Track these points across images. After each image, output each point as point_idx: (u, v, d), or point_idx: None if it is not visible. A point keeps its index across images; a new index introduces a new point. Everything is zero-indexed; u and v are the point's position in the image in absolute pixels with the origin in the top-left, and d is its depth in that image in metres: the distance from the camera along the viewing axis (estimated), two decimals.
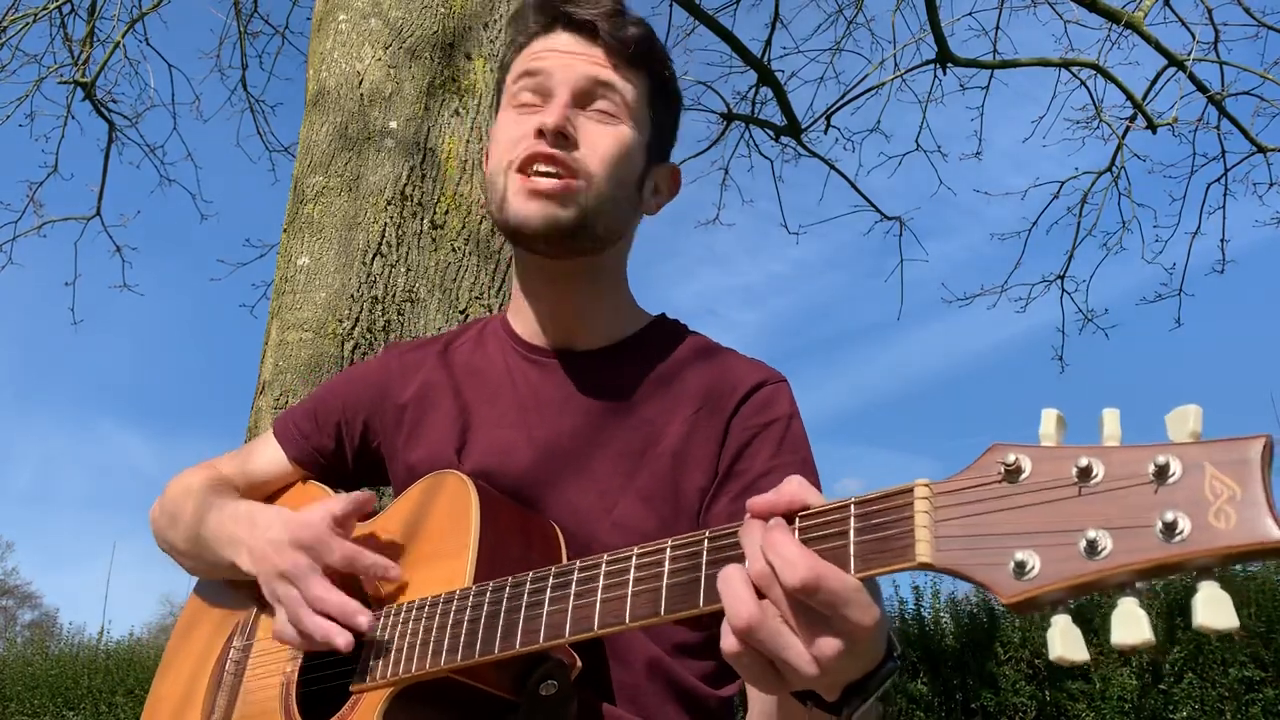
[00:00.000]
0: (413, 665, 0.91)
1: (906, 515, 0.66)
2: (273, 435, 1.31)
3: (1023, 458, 0.62)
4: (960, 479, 0.65)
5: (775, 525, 0.71)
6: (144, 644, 9.68)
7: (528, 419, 1.16)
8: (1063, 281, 7.00)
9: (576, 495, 1.10)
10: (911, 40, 6.09)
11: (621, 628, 0.79)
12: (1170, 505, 0.56)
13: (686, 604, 0.75)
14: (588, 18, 1.14)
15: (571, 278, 1.16)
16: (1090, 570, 0.57)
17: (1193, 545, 0.55)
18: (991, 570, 0.61)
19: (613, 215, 1.13)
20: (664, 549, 0.79)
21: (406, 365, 1.27)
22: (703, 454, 1.10)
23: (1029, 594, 0.59)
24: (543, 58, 1.14)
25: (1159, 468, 0.57)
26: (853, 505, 0.69)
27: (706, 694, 1.08)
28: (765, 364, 1.18)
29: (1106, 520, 0.58)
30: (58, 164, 6.27)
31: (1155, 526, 0.56)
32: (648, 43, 1.16)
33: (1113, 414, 0.61)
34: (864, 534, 0.68)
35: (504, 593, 0.89)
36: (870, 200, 6.88)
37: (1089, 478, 0.59)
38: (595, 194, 1.09)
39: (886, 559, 0.66)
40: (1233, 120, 6.18)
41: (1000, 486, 0.63)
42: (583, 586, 0.83)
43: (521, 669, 0.91)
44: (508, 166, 1.11)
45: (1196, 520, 0.55)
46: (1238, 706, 5.86)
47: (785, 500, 0.72)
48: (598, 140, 1.11)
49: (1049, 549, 0.59)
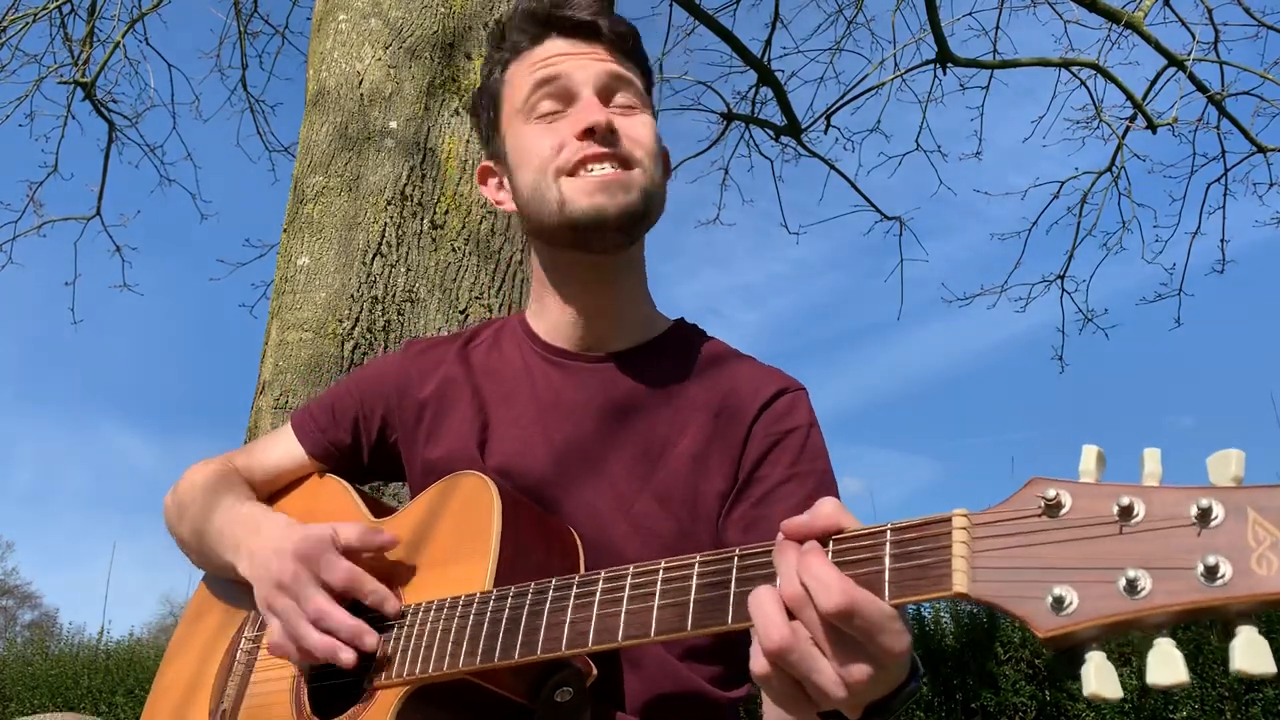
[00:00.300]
0: (430, 665, 0.91)
1: (944, 544, 0.66)
2: (290, 428, 1.32)
3: (1063, 493, 0.62)
4: (999, 510, 0.65)
5: (811, 549, 0.70)
6: (144, 644, 9.68)
7: (546, 420, 1.16)
8: (1063, 281, 7.00)
9: (593, 496, 1.10)
10: (911, 40, 6.10)
11: (645, 640, 0.79)
12: (1212, 549, 0.56)
13: (714, 620, 0.75)
14: (587, 18, 1.15)
15: (615, 274, 1.17)
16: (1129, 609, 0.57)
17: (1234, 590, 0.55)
18: (1028, 603, 0.61)
19: (660, 199, 1.16)
20: (692, 564, 0.79)
21: (425, 363, 1.27)
22: (722, 460, 1.10)
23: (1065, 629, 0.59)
24: (553, 64, 1.15)
25: (1202, 511, 0.57)
26: (889, 531, 0.69)
27: (717, 697, 1.08)
28: (784, 372, 1.19)
29: (1147, 560, 0.58)
30: (58, 164, 6.28)
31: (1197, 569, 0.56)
32: (637, 36, 1.20)
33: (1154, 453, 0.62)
34: (899, 561, 0.68)
35: (526, 598, 0.88)
36: (870, 200, 6.89)
37: (1130, 516, 0.59)
38: (649, 180, 1.12)
39: (922, 587, 0.66)
40: (1233, 120, 6.19)
41: (1040, 520, 0.63)
42: (607, 596, 0.83)
43: (538, 675, 0.91)
44: (555, 174, 1.10)
45: (1238, 565, 0.55)
46: (1238, 706, 5.87)
47: (821, 524, 0.72)
48: (634, 131, 1.13)
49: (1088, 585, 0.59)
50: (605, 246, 1.12)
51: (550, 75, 1.14)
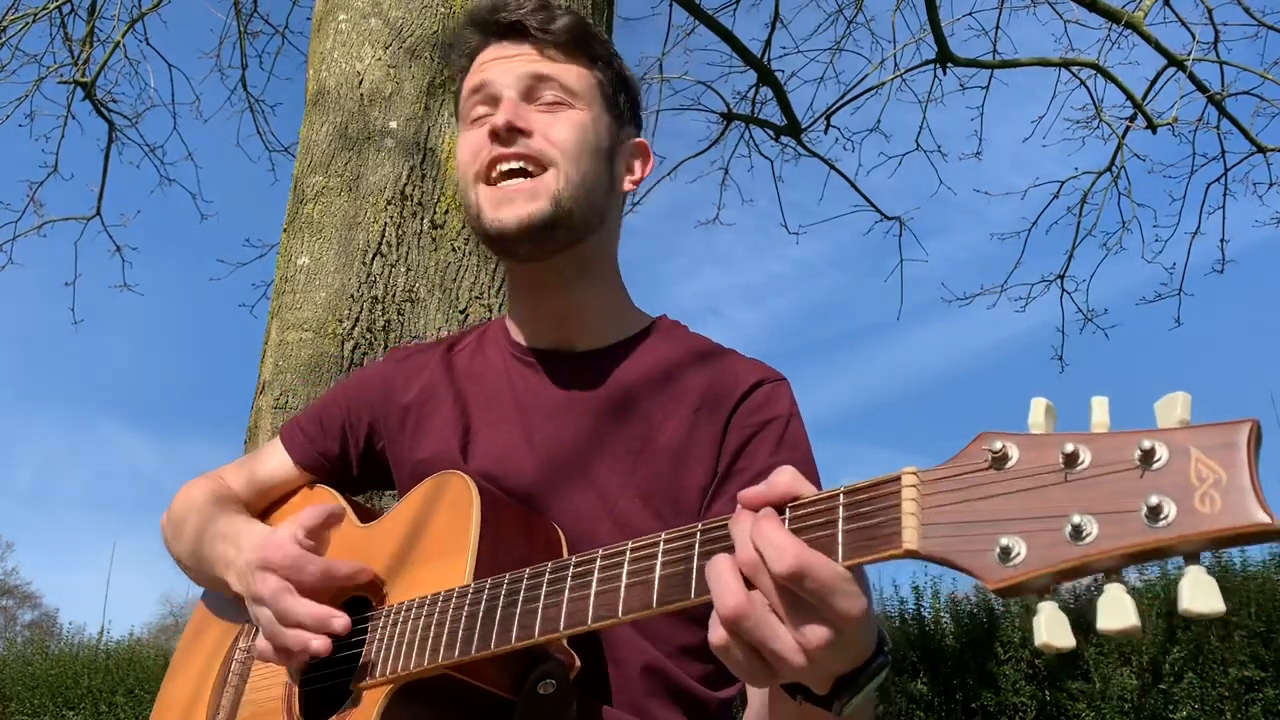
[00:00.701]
0: (411, 662, 0.91)
1: (894, 504, 0.66)
2: (279, 441, 1.33)
3: (1010, 445, 0.62)
4: (948, 467, 0.65)
5: (765, 515, 0.71)
6: (144, 644, 9.69)
7: (527, 422, 1.16)
8: (1063, 281, 6.99)
9: (577, 496, 1.10)
10: (911, 40, 6.09)
11: (615, 621, 0.79)
12: (1155, 490, 0.56)
13: (679, 595, 0.75)
14: (514, 19, 1.17)
15: (561, 278, 1.16)
16: (1075, 555, 0.58)
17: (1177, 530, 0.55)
18: (977, 557, 0.61)
19: (587, 198, 1.13)
20: (658, 542, 0.79)
21: (409, 369, 1.28)
22: (703, 453, 1.10)
23: (1014, 580, 0.59)
24: (482, 69, 1.17)
25: (1144, 453, 0.57)
26: (841, 495, 0.70)
27: (705, 696, 1.08)
28: (764, 363, 1.19)
29: (1091, 505, 0.58)
30: (58, 164, 6.27)
31: (1140, 511, 0.56)
32: (578, 28, 1.18)
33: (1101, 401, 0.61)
34: (852, 523, 0.68)
35: (501, 589, 0.89)
36: (870, 200, 6.88)
37: (1075, 464, 0.60)
38: (564, 179, 1.11)
39: (874, 547, 0.66)
40: (1233, 120, 6.18)
41: (987, 474, 0.63)
42: (577, 581, 0.83)
43: (520, 668, 0.91)
44: (474, 179, 1.13)
45: (1182, 505, 0.55)
46: (1238, 706, 5.86)
47: (777, 492, 0.73)
48: (550, 128, 1.13)
49: (1035, 535, 0.59)
50: (529, 255, 1.13)
51: (478, 81, 1.17)
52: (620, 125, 1.22)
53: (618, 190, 1.21)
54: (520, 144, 1.10)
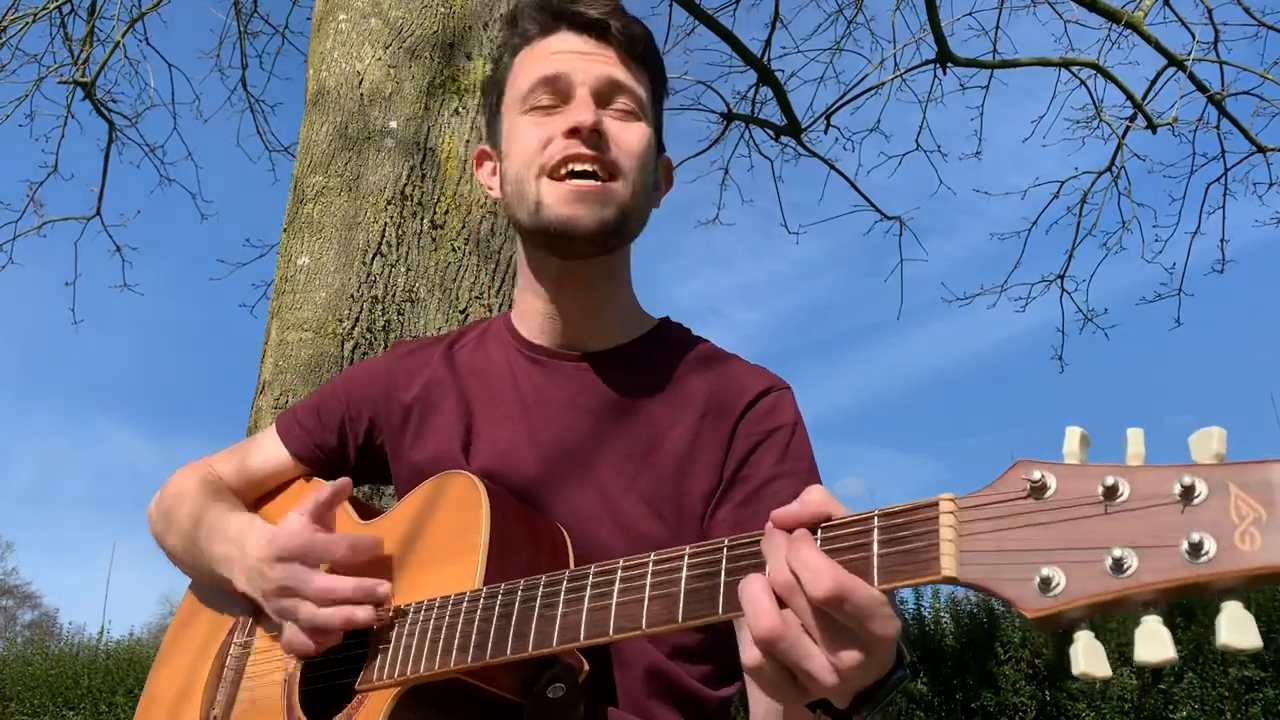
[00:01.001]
0: (421, 665, 0.91)
1: (931, 529, 0.66)
2: (274, 431, 1.31)
3: (1048, 475, 0.63)
4: (985, 494, 0.65)
5: (800, 536, 0.70)
6: (144, 644, 9.68)
7: (531, 420, 1.16)
8: (1063, 281, 6.99)
9: (579, 496, 1.10)
10: (911, 40, 6.10)
11: (637, 633, 0.79)
12: (1196, 526, 0.56)
13: (705, 611, 0.75)
14: (598, 16, 1.14)
15: (590, 278, 1.17)
16: (1116, 588, 0.58)
17: (1218, 566, 0.55)
18: (1017, 585, 0.61)
19: (642, 211, 1.15)
20: (682, 556, 0.79)
21: (411, 365, 1.27)
22: (707, 460, 1.10)
23: (1054, 609, 0.59)
24: (556, 60, 1.14)
25: (1185, 488, 0.57)
26: (877, 517, 0.69)
27: (706, 695, 1.08)
28: (769, 371, 1.19)
29: (1132, 539, 0.58)
30: (58, 164, 6.27)
31: (1181, 547, 0.56)
32: (651, 40, 1.18)
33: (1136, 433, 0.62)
34: (887, 546, 0.68)
35: (516, 595, 0.88)
36: (870, 200, 6.88)
37: (1115, 496, 0.60)
38: (630, 192, 1.11)
39: (911, 572, 0.66)
40: (1233, 120, 6.18)
41: (1025, 503, 0.63)
42: (598, 591, 0.83)
43: (530, 672, 0.91)
44: (539, 172, 1.10)
45: (1222, 541, 0.55)
46: (1238, 706, 5.86)
47: (810, 512, 0.72)
48: (625, 138, 1.12)
49: (1074, 565, 0.60)
50: (577, 253, 1.12)
51: (551, 71, 1.13)
52: (658, 139, 1.23)
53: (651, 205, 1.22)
54: (600, 149, 1.09)
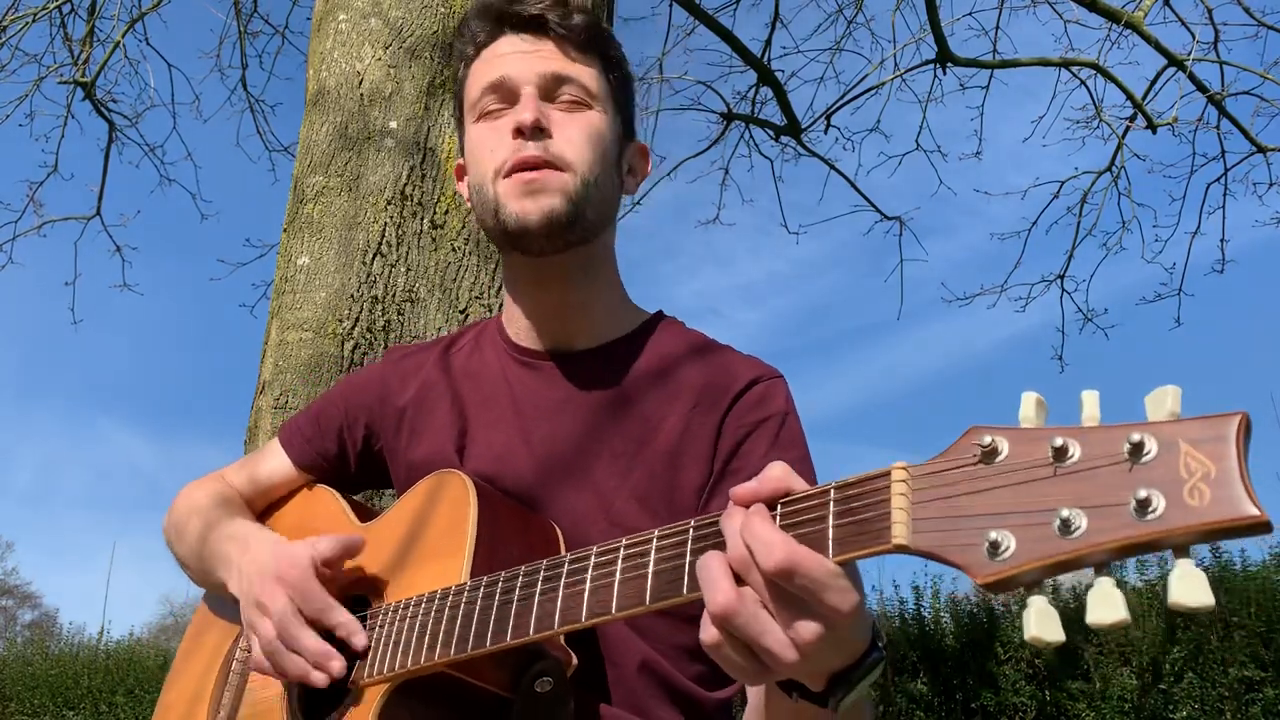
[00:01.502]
0: (408, 660, 0.92)
1: (884, 498, 0.66)
2: (278, 442, 1.33)
3: (1000, 439, 0.62)
4: (938, 461, 0.65)
5: (755, 511, 0.71)
6: (144, 644, 9.69)
7: (524, 423, 1.16)
8: (1062, 281, 6.99)
9: (573, 496, 1.10)
10: (911, 40, 6.09)
11: (609, 618, 0.79)
12: (1144, 483, 0.56)
13: (671, 592, 0.75)
14: (534, 13, 1.15)
15: (566, 274, 1.16)
16: (1064, 549, 0.57)
17: (1166, 523, 0.55)
18: (966, 551, 0.61)
19: (599, 200, 1.14)
20: (651, 539, 0.79)
21: (406, 369, 1.28)
22: (698, 452, 1.10)
23: (1003, 574, 0.59)
24: (499, 63, 1.15)
25: (1134, 446, 0.57)
26: (832, 490, 0.69)
27: (703, 696, 1.08)
28: (761, 360, 1.18)
29: (1080, 499, 0.58)
30: (58, 164, 6.27)
31: (1129, 505, 0.56)
32: (595, 28, 1.17)
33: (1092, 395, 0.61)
34: (842, 518, 0.68)
35: (497, 587, 0.89)
36: (870, 200, 6.88)
37: (1064, 457, 0.59)
38: (580, 180, 1.11)
39: (864, 542, 0.66)
40: (1233, 120, 6.18)
41: (977, 468, 0.63)
42: (572, 578, 0.83)
43: (517, 665, 0.91)
44: (494, 176, 1.12)
45: (1171, 498, 0.55)
46: (1238, 706, 5.86)
47: (769, 488, 0.72)
48: (570, 130, 1.12)
49: (1023, 529, 0.59)
50: (541, 249, 1.12)
51: (496, 75, 1.15)
52: (627, 127, 1.23)
53: (621, 192, 1.22)
54: (543, 144, 1.10)
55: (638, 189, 1.26)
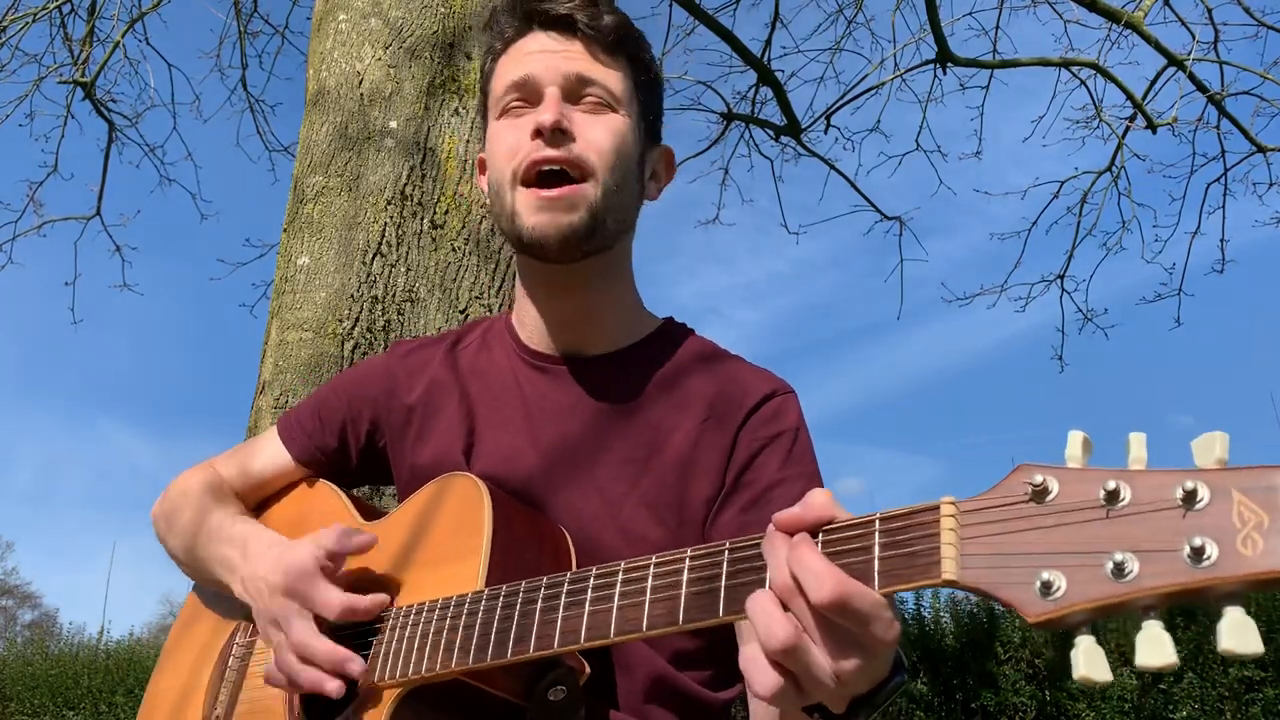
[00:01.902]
0: (422, 666, 0.91)
1: (932, 532, 0.66)
2: (275, 433, 1.30)
3: (1050, 479, 0.62)
4: (987, 498, 0.65)
5: (801, 540, 0.70)
6: (144, 644, 9.68)
7: (533, 425, 1.15)
8: (1062, 281, 6.99)
9: (581, 502, 1.09)
10: (911, 40, 6.09)
11: (638, 636, 0.79)
12: (1198, 531, 0.56)
13: (705, 615, 0.75)
14: (563, 12, 1.13)
15: (584, 281, 1.15)
16: (1117, 592, 0.58)
17: (1220, 571, 0.55)
18: (1017, 589, 0.61)
19: (620, 207, 1.12)
20: (683, 558, 0.79)
21: (413, 365, 1.26)
22: (710, 464, 1.09)
23: (1054, 614, 0.59)
24: (525, 61, 1.13)
25: (1187, 493, 0.57)
26: (878, 521, 0.69)
27: (708, 699, 1.08)
28: (773, 374, 1.18)
29: (1134, 543, 0.58)
30: (58, 164, 6.28)
31: (1183, 551, 0.56)
32: (625, 29, 1.15)
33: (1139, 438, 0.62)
34: (889, 550, 0.67)
35: (517, 596, 0.88)
36: (870, 200, 6.88)
37: (1116, 500, 0.60)
38: (602, 189, 1.09)
39: (911, 575, 0.66)
40: (1233, 120, 6.18)
41: (1027, 506, 0.63)
42: (599, 593, 0.82)
43: (531, 674, 0.91)
44: (511, 179, 1.10)
45: (1224, 546, 0.55)
46: (1238, 706, 5.86)
47: (813, 515, 0.72)
48: (592, 133, 1.10)
49: (1075, 569, 0.59)
50: (558, 258, 1.10)
51: (521, 74, 1.13)
52: (652, 132, 1.20)
53: (643, 198, 1.20)
54: (565, 147, 1.08)
55: (659, 194, 1.24)
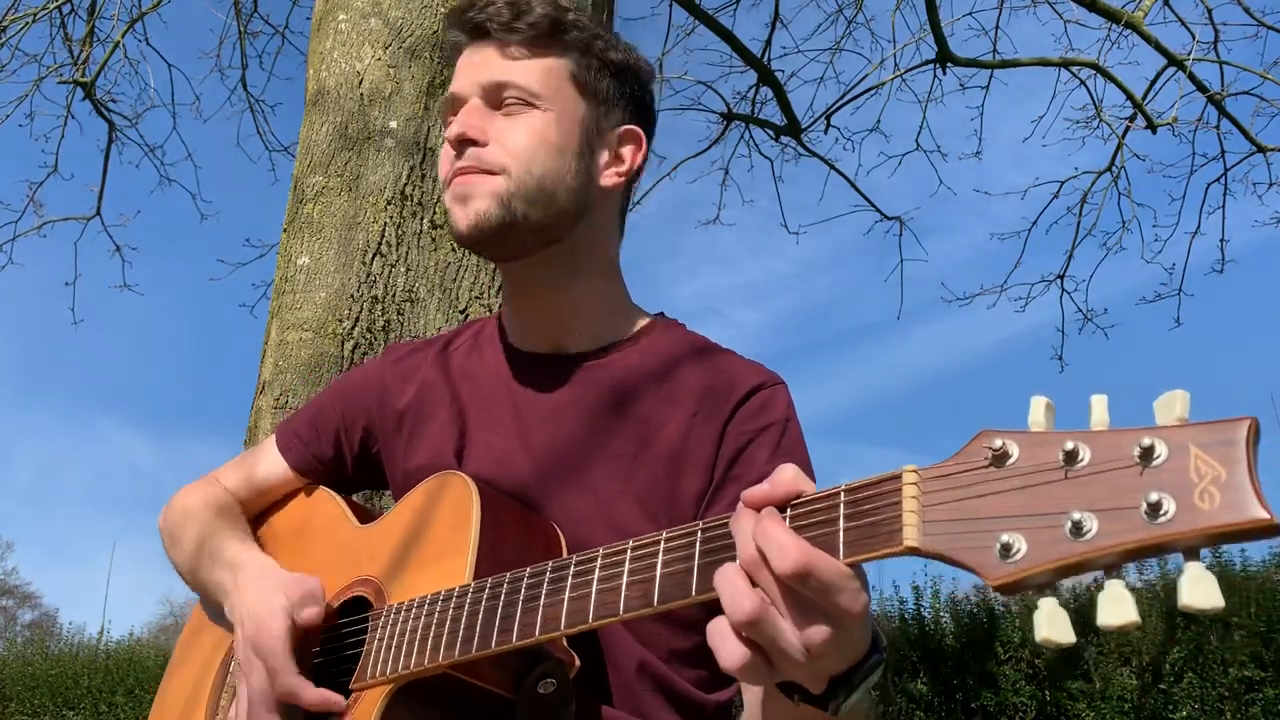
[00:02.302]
0: (411, 661, 0.91)
1: (895, 501, 0.66)
2: (274, 443, 1.32)
3: (1010, 443, 0.63)
4: (948, 464, 0.66)
5: (767, 513, 0.71)
6: (144, 644, 9.70)
7: (523, 426, 1.15)
8: (1062, 281, 6.99)
9: (573, 501, 1.09)
10: (911, 40, 6.09)
11: (615, 619, 0.79)
12: (1155, 487, 0.57)
13: (679, 594, 0.76)
14: (480, 19, 1.15)
15: (547, 275, 1.15)
16: (1076, 552, 0.58)
17: (1177, 526, 0.55)
18: (978, 553, 0.61)
19: (547, 198, 1.10)
20: (659, 541, 0.80)
21: (404, 369, 1.27)
22: (699, 458, 1.09)
23: (1015, 576, 0.60)
24: (456, 79, 1.16)
25: (1144, 450, 0.58)
26: (842, 492, 0.70)
27: (701, 699, 1.08)
28: (763, 366, 1.17)
29: (1092, 502, 0.58)
30: (58, 164, 6.27)
31: (1140, 508, 0.56)
32: (547, 19, 1.14)
33: (1100, 400, 0.62)
34: (853, 520, 0.68)
35: (502, 588, 0.89)
36: (870, 200, 6.88)
37: (1075, 461, 0.60)
38: (516, 182, 1.09)
39: (874, 544, 0.66)
40: (1232, 120, 6.18)
41: (988, 471, 0.63)
42: (578, 580, 0.83)
43: (520, 667, 0.91)
44: (446, 187, 1.13)
45: (1181, 501, 0.56)
46: (1238, 706, 5.87)
47: (781, 490, 0.72)
48: (508, 136, 1.11)
49: (1035, 531, 0.60)
50: (492, 255, 1.12)
51: (450, 92, 1.16)
52: (605, 113, 1.17)
53: (597, 182, 1.16)
54: (470, 155, 1.10)
55: (630, 177, 1.20)
